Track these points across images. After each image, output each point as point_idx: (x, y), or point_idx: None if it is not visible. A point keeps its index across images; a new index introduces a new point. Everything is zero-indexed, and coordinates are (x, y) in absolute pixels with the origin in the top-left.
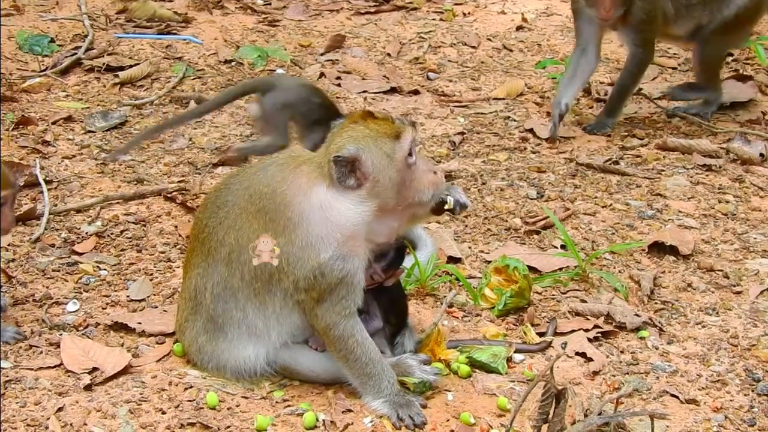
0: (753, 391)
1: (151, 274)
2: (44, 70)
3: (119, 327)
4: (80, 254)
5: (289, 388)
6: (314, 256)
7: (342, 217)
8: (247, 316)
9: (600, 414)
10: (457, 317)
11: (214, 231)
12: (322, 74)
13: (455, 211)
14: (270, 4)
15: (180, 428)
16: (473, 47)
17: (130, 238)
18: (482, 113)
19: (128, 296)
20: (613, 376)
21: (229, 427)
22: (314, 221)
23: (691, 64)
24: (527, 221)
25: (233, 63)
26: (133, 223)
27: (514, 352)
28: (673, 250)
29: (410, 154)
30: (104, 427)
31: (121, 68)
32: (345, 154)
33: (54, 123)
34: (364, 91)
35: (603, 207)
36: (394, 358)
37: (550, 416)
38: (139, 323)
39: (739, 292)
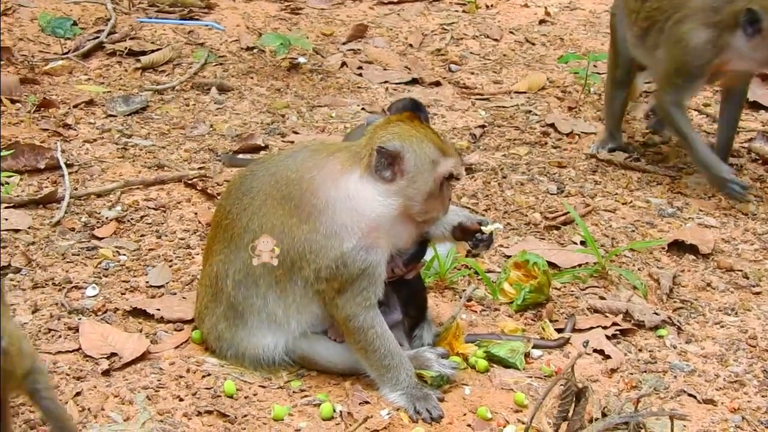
0: None
1: (171, 261)
2: (66, 53)
3: (138, 313)
4: (100, 239)
5: (307, 378)
6: (338, 245)
7: (368, 208)
8: (268, 304)
9: (619, 413)
10: (476, 311)
11: (237, 217)
12: (343, 63)
13: (483, 239)
14: None
15: (197, 416)
16: (496, 40)
17: (149, 223)
18: (503, 106)
19: (147, 282)
20: (631, 374)
21: (246, 415)
22: (339, 209)
23: None
24: (547, 216)
25: (255, 50)
26: (153, 208)
27: (532, 347)
28: (692, 249)
29: (450, 177)
30: (122, 413)
31: (143, 53)
32: (390, 147)
33: (75, 106)
34: (386, 82)
35: (623, 204)
36: (412, 350)
37: (570, 414)
38: (158, 309)
39: (758, 293)
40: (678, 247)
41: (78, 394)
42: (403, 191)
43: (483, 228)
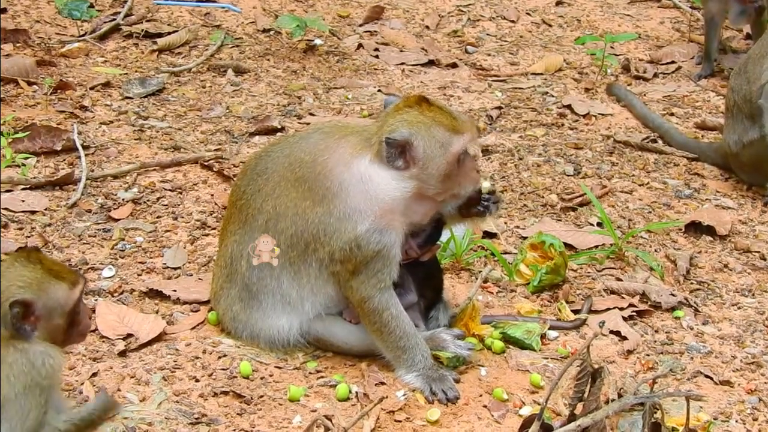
0: None
1: (187, 242)
2: (83, 36)
3: (154, 294)
4: (116, 220)
5: (323, 360)
6: (351, 228)
7: (381, 191)
8: (282, 285)
9: (635, 394)
10: (492, 293)
11: (252, 198)
12: (360, 45)
13: (490, 198)
14: None
15: (213, 396)
16: (512, 21)
17: (166, 205)
18: (520, 88)
19: (164, 263)
20: (648, 355)
21: (262, 396)
22: (353, 193)
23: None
24: (564, 198)
25: (271, 32)
26: (169, 190)
27: (549, 329)
28: (709, 230)
29: (466, 152)
30: (138, 394)
31: (160, 35)
32: (397, 137)
33: (92, 88)
34: (402, 63)
35: (640, 185)
36: (428, 332)
37: (586, 395)
38: (174, 291)
39: None
40: (695, 228)
41: (94, 374)
42: (417, 176)
43: (482, 188)
